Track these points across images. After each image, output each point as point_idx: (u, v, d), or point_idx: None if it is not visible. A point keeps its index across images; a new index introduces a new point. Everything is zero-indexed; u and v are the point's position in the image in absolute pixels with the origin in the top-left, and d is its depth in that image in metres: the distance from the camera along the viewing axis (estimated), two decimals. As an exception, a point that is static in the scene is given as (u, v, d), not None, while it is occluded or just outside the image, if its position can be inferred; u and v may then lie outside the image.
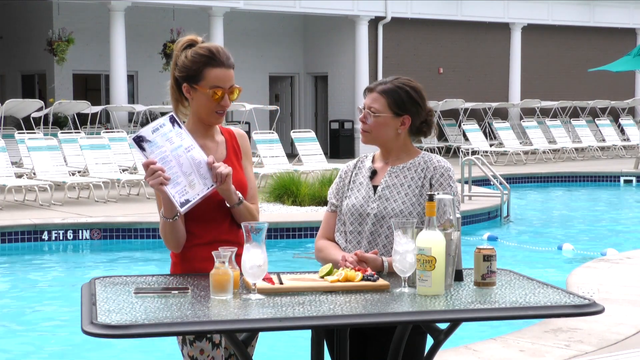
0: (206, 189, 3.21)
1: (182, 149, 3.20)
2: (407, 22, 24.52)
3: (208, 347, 3.24)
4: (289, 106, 26.40)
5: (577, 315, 2.82)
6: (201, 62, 3.28)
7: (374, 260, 3.22)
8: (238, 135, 3.50)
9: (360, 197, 3.45)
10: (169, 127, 3.21)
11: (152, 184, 3.13)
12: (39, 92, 23.88)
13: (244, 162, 3.47)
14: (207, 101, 3.29)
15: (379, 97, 3.41)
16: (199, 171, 3.20)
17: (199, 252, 3.29)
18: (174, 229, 3.24)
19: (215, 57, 3.29)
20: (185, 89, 3.32)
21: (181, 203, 3.16)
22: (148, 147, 3.15)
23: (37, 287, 9.42)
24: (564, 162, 21.89)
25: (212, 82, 3.27)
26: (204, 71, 3.28)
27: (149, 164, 3.12)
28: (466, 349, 5.71)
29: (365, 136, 3.46)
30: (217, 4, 21.37)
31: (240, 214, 3.34)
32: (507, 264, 7.10)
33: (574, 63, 27.41)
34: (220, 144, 3.42)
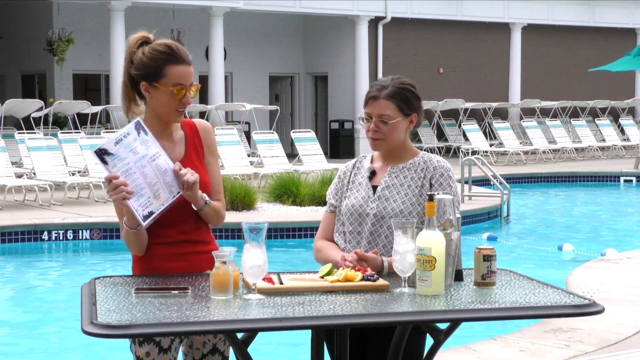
0: (172, 197, 3.16)
1: (147, 158, 3.12)
2: (407, 22, 24.52)
3: (154, 351, 3.21)
4: (289, 106, 26.40)
5: (577, 315, 2.82)
6: (161, 59, 3.20)
7: (373, 260, 3.21)
8: (201, 129, 3.39)
9: (359, 197, 3.44)
10: (134, 136, 3.12)
11: (115, 199, 3.08)
12: (39, 92, 23.88)
13: (207, 158, 3.38)
14: (168, 99, 3.21)
15: (387, 102, 3.37)
16: (165, 179, 3.15)
17: (161, 251, 3.27)
18: (137, 237, 3.20)
19: (175, 53, 3.22)
20: (144, 87, 3.22)
21: (144, 216, 3.11)
22: (110, 160, 3.08)
23: (37, 287, 9.42)
24: (564, 162, 21.89)
25: (174, 80, 3.20)
26: (164, 69, 3.20)
27: (112, 179, 3.06)
28: (466, 349, 5.71)
29: (378, 144, 3.41)
30: (217, 4, 21.37)
31: (207, 215, 3.30)
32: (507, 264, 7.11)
33: (574, 63, 27.41)
34: (179, 142, 3.33)
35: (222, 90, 21.81)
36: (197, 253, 3.32)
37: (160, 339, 3.22)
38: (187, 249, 3.30)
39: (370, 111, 3.39)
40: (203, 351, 3.34)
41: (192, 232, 3.31)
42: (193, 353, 3.34)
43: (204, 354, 3.34)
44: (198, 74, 24.03)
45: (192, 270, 3.27)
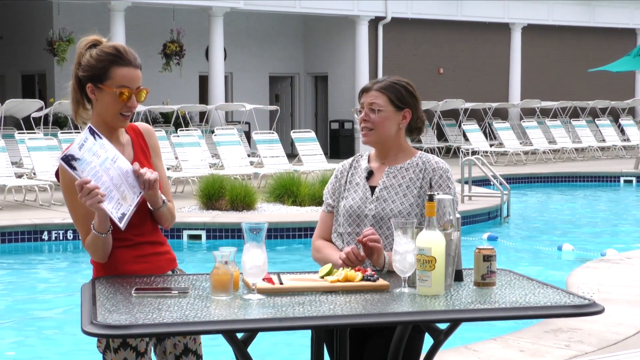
0: (136, 197, 3.16)
1: (109, 161, 3.11)
2: (407, 22, 24.52)
3: (132, 357, 3.20)
4: (289, 106, 26.40)
5: (577, 316, 2.82)
6: (107, 61, 3.17)
7: (379, 250, 3.21)
8: (145, 132, 3.38)
9: (357, 198, 3.44)
10: (92, 141, 3.09)
11: (90, 204, 3.02)
12: (39, 92, 23.88)
13: (153, 160, 3.36)
14: (112, 102, 3.17)
15: (378, 94, 3.40)
16: (127, 180, 3.14)
17: (123, 255, 3.24)
18: (105, 242, 3.16)
19: (122, 55, 3.18)
20: (90, 89, 3.19)
21: (119, 218, 3.10)
22: (78, 165, 3.04)
23: (37, 287, 9.42)
24: (564, 163, 21.89)
25: (118, 82, 3.16)
26: (110, 70, 3.16)
27: (83, 184, 3.00)
28: (466, 349, 5.71)
29: (368, 135, 3.43)
30: (217, 4, 21.37)
31: (162, 215, 3.28)
32: (507, 264, 7.11)
33: (574, 63, 27.41)
34: (126, 145, 3.30)
35: (222, 91, 21.81)
36: (156, 254, 3.32)
37: (137, 344, 3.19)
38: (147, 250, 3.29)
39: (363, 101, 3.43)
40: (175, 353, 3.32)
41: (150, 234, 3.30)
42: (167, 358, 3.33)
43: (177, 356, 3.32)
44: (198, 74, 24.05)
45: (155, 271, 3.27)
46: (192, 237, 11.13)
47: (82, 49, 3.23)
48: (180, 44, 22.30)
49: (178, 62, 22.20)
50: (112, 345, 3.18)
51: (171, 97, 22.89)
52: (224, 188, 12.47)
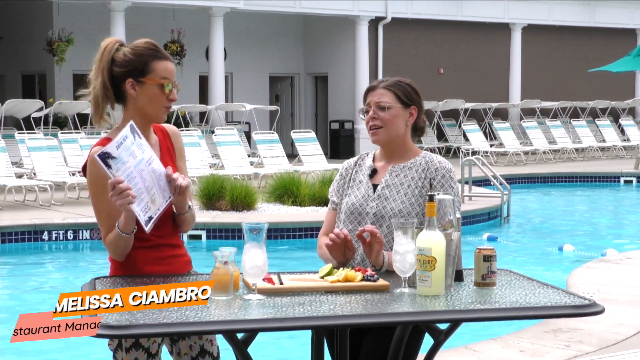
0: (165, 202, 3.15)
1: (144, 162, 3.09)
2: (407, 23, 24.52)
3: (143, 357, 3.21)
4: (289, 106, 26.40)
5: (577, 316, 2.82)
6: (147, 55, 3.18)
7: (377, 254, 3.21)
8: (172, 134, 3.39)
9: (359, 195, 3.45)
10: (131, 140, 3.07)
11: (120, 204, 3.02)
12: (39, 93, 23.88)
13: (178, 162, 3.36)
14: (157, 94, 3.19)
15: (385, 91, 3.40)
16: (159, 184, 3.14)
17: (142, 256, 3.25)
18: (128, 242, 3.18)
19: (159, 50, 3.21)
20: (130, 84, 3.18)
21: (145, 221, 3.09)
22: (114, 164, 3.02)
23: (38, 288, 9.42)
24: (564, 163, 21.88)
25: (161, 74, 3.18)
26: (150, 64, 3.18)
27: (116, 183, 3.00)
28: (466, 349, 5.71)
29: (377, 134, 3.42)
30: (218, 4, 21.37)
31: (185, 220, 3.29)
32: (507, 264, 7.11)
33: (574, 63, 27.41)
34: (154, 145, 3.31)
35: (222, 91, 21.81)
36: (175, 257, 3.33)
37: (149, 345, 3.20)
38: (167, 252, 3.29)
39: (369, 100, 3.42)
40: (191, 355, 3.32)
41: (170, 236, 3.31)
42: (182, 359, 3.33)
43: (193, 358, 3.32)
44: (198, 74, 24.05)
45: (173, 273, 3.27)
46: (192, 237, 11.13)
47: (111, 49, 3.21)
48: (181, 44, 22.30)
49: (179, 62, 22.20)
50: (124, 345, 3.19)
51: (171, 97, 22.85)
52: (224, 188, 12.46)
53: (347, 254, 3.29)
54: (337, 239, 3.23)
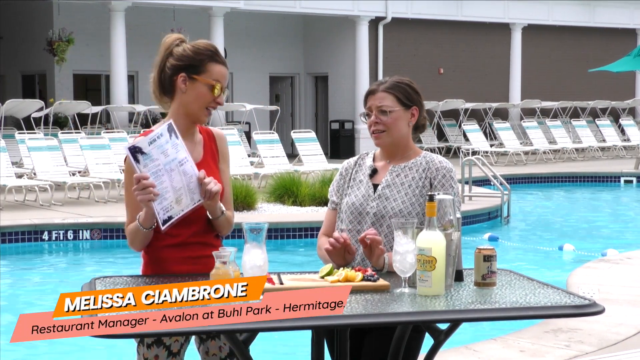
0: (192, 204, 3.16)
1: (176, 162, 3.12)
2: (407, 23, 24.52)
3: (163, 355, 3.22)
4: (289, 106, 26.40)
5: (577, 316, 2.81)
6: (205, 55, 3.27)
7: (378, 257, 3.21)
8: (217, 137, 3.43)
9: (359, 195, 3.44)
10: (166, 138, 3.11)
11: (141, 200, 3.07)
12: (39, 93, 23.89)
13: (221, 165, 3.39)
14: (204, 94, 3.25)
15: (386, 94, 3.40)
16: (189, 185, 3.14)
17: (171, 254, 3.27)
18: (146, 236, 3.22)
19: (218, 54, 3.31)
20: (182, 79, 3.25)
21: (164, 220, 3.11)
22: (143, 159, 3.07)
23: (38, 288, 9.43)
24: (564, 163, 21.89)
25: (214, 76, 3.27)
26: (207, 64, 3.26)
27: (141, 179, 3.05)
28: (466, 349, 5.71)
29: (381, 138, 3.41)
30: (218, 4, 21.37)
31: (220, 224, 3.30)
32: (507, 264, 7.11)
33: (574, 63, 27.41)
34: (198, 144, 3.35)
35: (222, 91, 21.78)
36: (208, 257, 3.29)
37: (171, 343, 3.22)
38: (197, 251, 3.28)
39: (370, 104, 3.42)
40: (220, 356, 3.34)
41: (203, 235, 3.30)
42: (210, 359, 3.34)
43: (222, 359, 3.34)
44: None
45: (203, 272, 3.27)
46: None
47: (171, 44, 3.30)
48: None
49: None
50: (146, 341, 3.21)
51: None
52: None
53: (347, 258, 3.30)
54: (337, 244, 3.23)
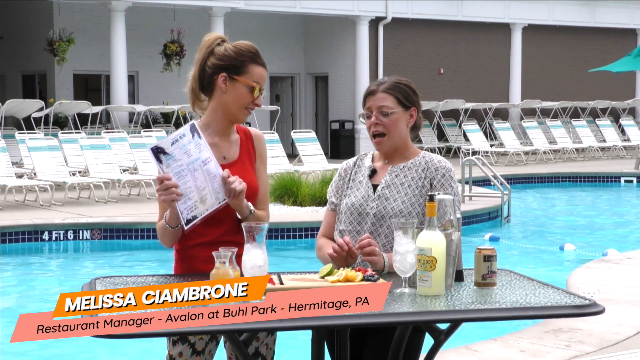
0: (217, 204, 3.17)
1: (199, 162, 3.13)
2: (407, 23, 24.52)
3: (187, 352, 3.23)
4: (289, 106, 26.40)
5: (577, 316, 2.81)
6: (247, 57, 3.30)
7: (376, 263, 3.21)
8: (255, 137, 3.44)
9: (359, 196, 3.44)
10: (189, 138, 3.13)
11: (164, 200, 3.10)
12: (39, 92, 23.89)
13: (257, 165, 3.40)
14: (244, 94, 3.27)
15: (386, 95, 3.38)
16: (213, 185, 3.15)
17: (200, 252, 3.27)
18: (173, 235, 3.24)
19: (259, 55, 3.35)
20: (222, 78, 3.27)
21: (187, 220, 3.13)
22: (165, 159, 3.09)
23: (38, 288, 9.42)
24: (564, 163, 21.89)
25: (254, 78, 3.28)
26: (248, 66, 3.29)
27: (163, 179, 3.08)
28: (467, 349, 5.71)
29: (382, 143, 3.39)
30: (218, 4, 21.37)
31: None
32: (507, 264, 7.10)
33: (575, 63, 27.41)
34: (234, 144, 3.36)
35: (222, 91, 21.80)
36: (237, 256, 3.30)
37: (195, 341, 3.23)
38: None
39: (370, 105, 3.40)
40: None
41: (233, 234, 3.29)
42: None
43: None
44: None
45: None
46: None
47: (212, 43, 3.35)
48: (181, 44, 22.29)
49: (179, 62, 22.20)
50: (171, 338, 3.22)
51: (171, 97, 22.87)
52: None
53: (349, 261, 3.29)
54: (342, 252, 3.23)
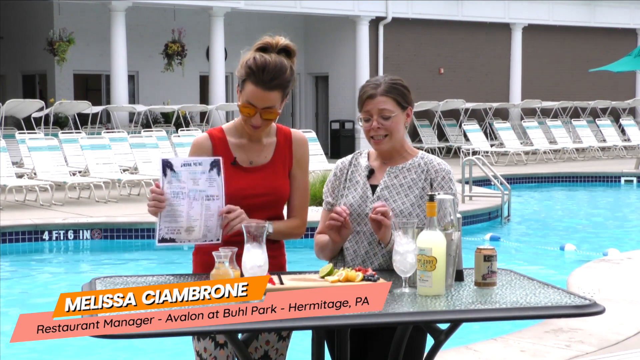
0: (202, 241, 3.14)
1: (203, 194, 3.11)
2: (407, 23, 24.52)
3: (210, 346, 3.25)
4: (289, 106, 26.40)
5: (577, 316, 2.81)
6: (245, 74, 3.22)
7: (387, 226, 3.21)
8: (295, 141, 3.40)
9: (357, 196, 3.42)
10: (204, 169, 3.11)
11: (149, 207, 3.10)
12: (39, 92, 23.89)
13: (294, 171, 3.38)
14: (241, 110, 3.26)
15: (385, 98, 3.35)
16: (207, 222, 3.14)
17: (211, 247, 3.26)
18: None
19: (257, 75, 3.20)
20: (238, 89, 3.28)
21: (163, 238, 3.11)
22: (170, 175, 3.09)
23: (38, 288, 9.42)
24: (564, 163, 21.88)
25: (246, 96, 3.22)
26: (245, 82, 3.23)
27: (156, 192, 3.08)
28: (467, 349, 5.71)
29: (383, 143, 3.37)
30: (218, 4, 21.37)
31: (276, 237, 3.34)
32: (507, 264, 7.10)
33: (575, 63, 27.41)
34: (267, 147, 3.34)
35: (222, 91, 21.82)
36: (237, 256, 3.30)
37: (215, 335, 3.23)
38: None
39: (370, 109, 3.36)
40: (255, 356, 3.35)
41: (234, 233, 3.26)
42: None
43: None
44: (199, 74, 24.05)
45: None
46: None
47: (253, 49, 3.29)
48: (181, 44, 22.30)
49: (180, 62, 22.20)
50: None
51: (172, 97, 22.88)
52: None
53: (343, 232, 3.28)
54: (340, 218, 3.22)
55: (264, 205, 3.30)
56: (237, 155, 3.32)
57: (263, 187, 3.30)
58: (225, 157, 3.26)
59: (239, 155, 3.32)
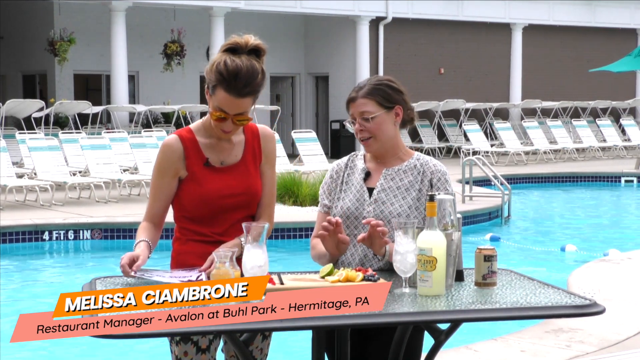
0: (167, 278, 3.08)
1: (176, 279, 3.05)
2: (408, 23, 24.52)
3: (192, 351, 3.22)
4: (289, 106, 26.40)
5: (578, 316, 2.81)
6: (216, 79, 3.14)
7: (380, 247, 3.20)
8: (262, 136, 3.38)
9: (353, 199, 3.40)
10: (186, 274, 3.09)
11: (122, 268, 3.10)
12: (39, 92, 23.89)
13: (263, 166, 3.35)
14: (212, 114, 3.21)
15: (366, 101, 3.35)
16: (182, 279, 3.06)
17: (198, 248, 3.27)
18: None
19: (228, 80, 3.12)
20: (207, 92, 3.22)
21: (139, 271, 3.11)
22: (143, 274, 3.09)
23: (38, 288, 9.42)
24: (565, 163, 21.88)
25: (217, 102, 3.17)
26: (216, 87, 3.16)
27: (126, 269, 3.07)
28: (467, 349, 5.71)
29: (370, 144, 3.38)
30: (218, 5, 21.37)
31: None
32: (507, 264, 7.10)
33: (575, 63, 27.41)
34: (237, 145, 3.32)
35: (223, 91, 21.79)
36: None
37: (198, 339, 3.22)
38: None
39: (352, 112, 3.38)
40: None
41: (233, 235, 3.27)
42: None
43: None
44: (199, 74, 24.04)
45: None
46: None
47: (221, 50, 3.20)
48: (181, 44, 22.29)
49: (179, 62, 22.20)
50: (175, 338, 3.21)
51: (172, 97, 22.88)
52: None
53: (341, 247, 3.27)
54: (330, 227, 3.20)
55: (239, 204, 3.28)
56: (208, 156, 3.29)
57: (238, 187, 3.27)
58: (197, 158, 3.26)
59: (210, 155, 3.29)
